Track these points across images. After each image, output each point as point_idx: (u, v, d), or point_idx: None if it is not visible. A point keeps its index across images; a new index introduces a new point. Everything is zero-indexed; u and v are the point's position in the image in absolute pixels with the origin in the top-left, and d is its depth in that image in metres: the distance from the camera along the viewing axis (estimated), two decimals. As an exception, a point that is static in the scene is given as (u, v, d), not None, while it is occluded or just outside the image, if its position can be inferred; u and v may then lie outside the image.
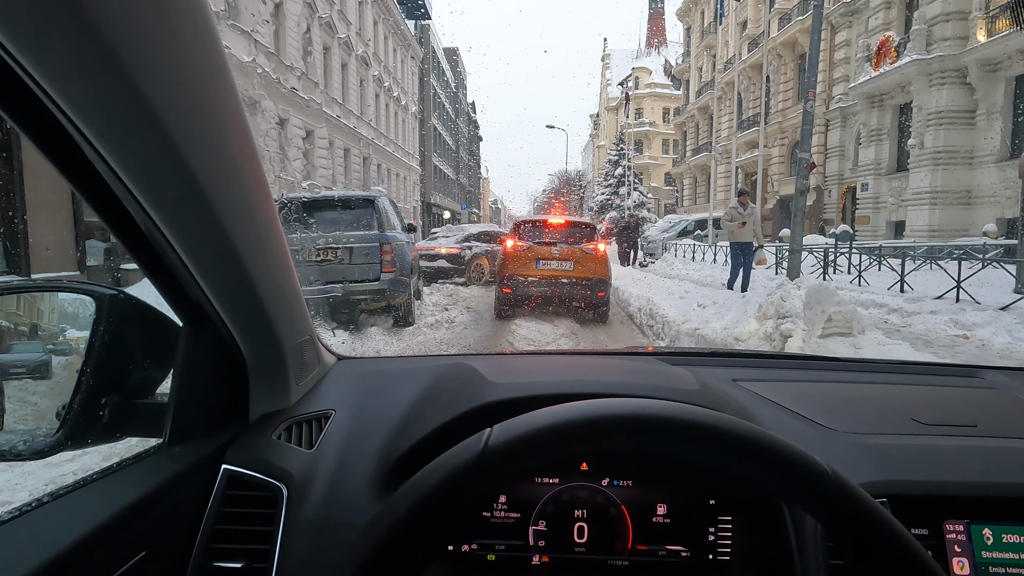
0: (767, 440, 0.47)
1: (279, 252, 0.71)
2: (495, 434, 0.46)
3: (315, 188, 18.27)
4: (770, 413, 0.89)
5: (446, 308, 8.93)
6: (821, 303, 4.64)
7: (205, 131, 0.51)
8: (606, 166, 42.10)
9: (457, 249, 12.26)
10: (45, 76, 0.41)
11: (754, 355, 1.48)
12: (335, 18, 23.19)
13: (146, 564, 0.59)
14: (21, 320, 0.86)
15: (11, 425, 0.76)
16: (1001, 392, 1.04)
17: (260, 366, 0.79)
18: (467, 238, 12.86)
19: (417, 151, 39.29)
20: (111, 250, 9.08)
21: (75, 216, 8.36)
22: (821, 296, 4.67)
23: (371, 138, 28.16)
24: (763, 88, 22.37)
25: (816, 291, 4.66)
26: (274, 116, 17.98)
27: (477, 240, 12.88)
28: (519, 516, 0.80)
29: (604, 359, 1.13)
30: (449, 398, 0.86)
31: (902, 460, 0.77)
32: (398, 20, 33.05)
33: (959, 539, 0.71)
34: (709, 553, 0.80)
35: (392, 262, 6.61)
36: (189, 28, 0.46)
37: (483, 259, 12.47)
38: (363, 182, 26.34)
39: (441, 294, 10.38)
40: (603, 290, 7.65)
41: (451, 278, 11.88)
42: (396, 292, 6.77)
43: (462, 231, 13.78)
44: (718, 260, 16.98)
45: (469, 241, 12.72)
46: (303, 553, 0.69)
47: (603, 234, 17.72)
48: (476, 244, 12.68)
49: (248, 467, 0.73)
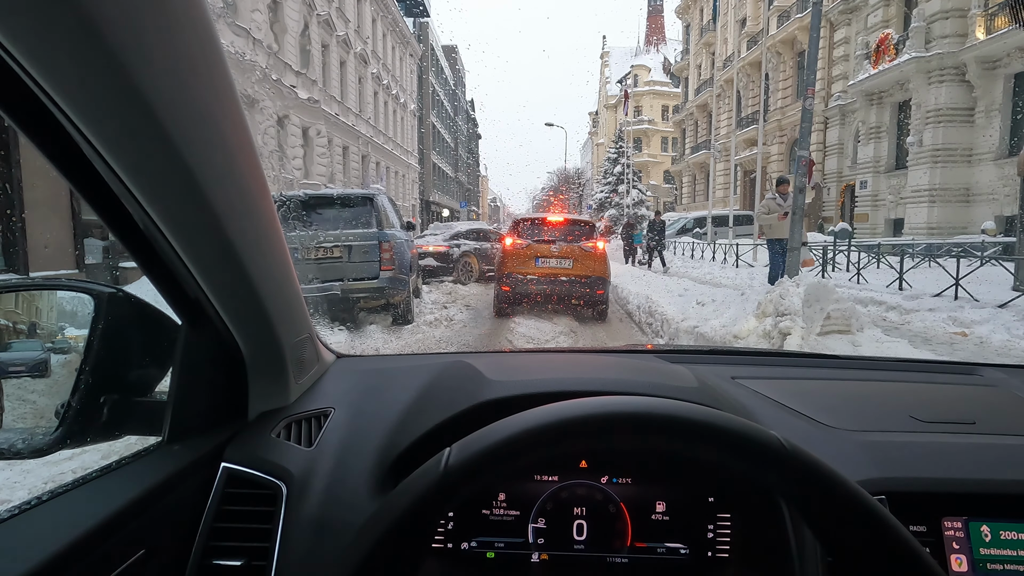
0: (720, 421, 0.47)
1: (278, 250, 0.71)
2: (454, 453, 0.46)
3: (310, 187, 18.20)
4: (769, 411, 0.89)
5: (445, 306, 8.94)
6: (820, 301, 4.65)
7: (203, 129, 0.51)
8: (605, 164, 42.03)
9: (445, 247, 12.06)
10: (43, 74, 0.41)
11: (753, 353, 1.48)
12: (333, 15, 23.14)
13: (145, 562, 0.59)
14: (20, 319, 0.86)
15: (10, 423, 0.76)
16: (1000, 389, 1.04)
17: (259, 364, 0.79)
18: (455, 236, 12.65)
19: (416, 149, 39.26)
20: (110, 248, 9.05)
21: (73, 214, 8.33)
22: (820, 294, 4.67)
23: (370, 136, 28.12)
24: (762, 86, 22.34)
25: (815, 289, 4.66)
26: (272, 114, 17.95)
27: (465, 238, 12.68)
28: (518, 514, 0.80)
29: (603, 357, 1.13)
30: (448, 396, 0.85)
31: (900, 457, 0.77)
32: (396, 17, 32.99)
33: (957, 536, 0.71)
34: (708, 550, 0.80)
35: (391, 260, 6.61)
36: (187, 26, 0.46)
37: (472, 257, 12.30)
38: (362, 180, 26.31)
39: (440, 292, 10.38)
40: (602, 288, 7.65)
41: (439, 277, 11.72)
42: (395, 290, 6.77)
43: (450, 229, 13.53)
44: (717, 258, 17.04)
45: (457, 239, 12.51)
46: (302, 551, 0.69)
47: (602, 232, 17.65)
48: (465, 242, 12.48)
49: (247, 465, 0.73)
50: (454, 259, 12.03)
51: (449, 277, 11.84)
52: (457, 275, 11.93)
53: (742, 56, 28.67)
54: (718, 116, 29.01)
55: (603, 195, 40.26)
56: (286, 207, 6.47)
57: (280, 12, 19.14)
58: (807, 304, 4.60)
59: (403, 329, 6.95)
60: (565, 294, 7.65)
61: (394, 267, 6.65)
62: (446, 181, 50.88)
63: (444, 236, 12.66)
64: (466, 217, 49.01)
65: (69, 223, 8.45)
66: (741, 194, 28.81)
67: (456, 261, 12.03)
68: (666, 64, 53.75)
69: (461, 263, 12.11)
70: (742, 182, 29.24)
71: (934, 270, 9.45)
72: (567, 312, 7.85)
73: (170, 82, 0.46)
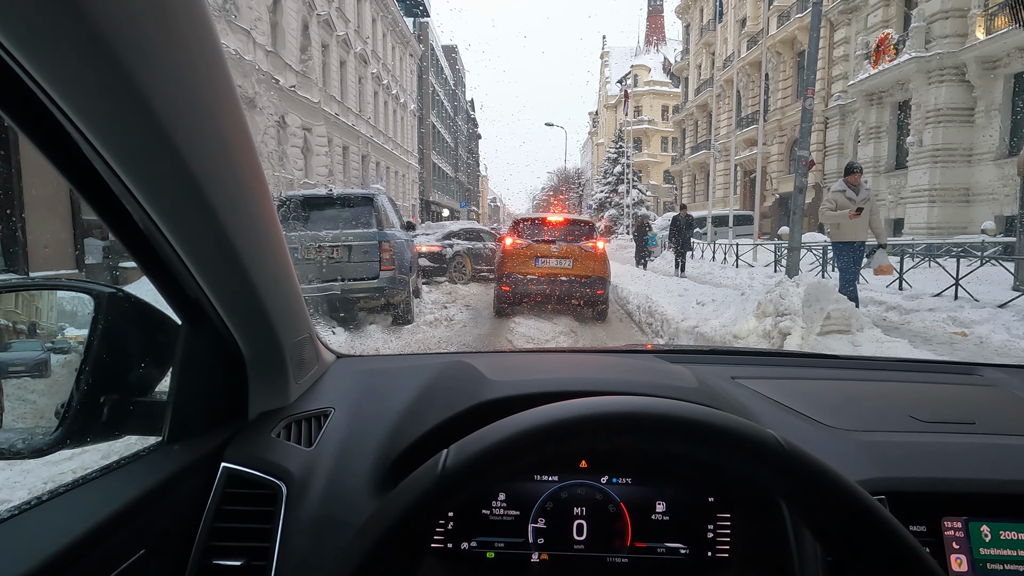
0: (718, 420, 0.47)
1: (278, 250, 0.71)
2: (451, 455, 0.46)
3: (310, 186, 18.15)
4: (768, 411, 0.89)
5: (445, 306, 8.94)
6: (820, 301, 4.65)
7: (204, 129, 0.52)
8: (605, 164, 42.07)
9: (438, 247, 11.95)
10: (44, 75, 0.41)
11: (753, 352, 1.48)
12: (333, 15, 23.14)
13: (146, 562, 0.59)
14: (20, 318, 0.86)
15: (10, 424, 0.76)
16: (999, 389, 1.04)
17: (259, 364, 0.79)
18: (448, 236, 12.52)
19: (416, 149, 39.25)
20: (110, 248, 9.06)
21: (73, 214, 8.33)
22: (820, 294, 4.67)
23: (370, 136, 28.11)
24: (762, 86, 22.33)
25: (815, 289, 4.66)
26: (272, 114, 17.94)
27: (458, 238, 12.56)
28: (518, 514, 0.80)
29: (603, 357, 1.13)
30: (448, 396, 0.85)
31: (900, 457, 0.77)
32: (396, 17, 32.98)
33: (957, 536, 0.71)
34: (708, 550, 0.80)
35: (391, 260, 6.60)
36: (187, 27, 0.46)
37: (465, 257, 12.23)
38: (362, 180, 26.31)
39: (440, 292, 10.37)
40: (602, 288, 7.65)
41: (431, 277, 11.63)
42: (395, 290, 6.77)
43: (443, 228, 13.39)
44: (717, 258, 17.04)
45: (450, 239, 12.38)
46: (302, 551, 0.69)
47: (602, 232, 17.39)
48: (458, 242, 12.36)
49: (247, 465, 0.73)
50: (447, 259, 11.96)
51: (442, 277, 11.79)
52: (450, 275, 11.88)
53: (742, 56, 28.67)
54: (718, 116, 29.01)
55: (603, 195, 40.28)
56: (286, 207, 6.47)
57: (279, 12, 19.14)
58: (807, 304, 4.60)
59: (403, 329, 6.94)
60: (565, 294, 7.65)
61: (394, 267, 6.65)
62: (446, 181, 50.87)
63: (437, 236, 12.52)
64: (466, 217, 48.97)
65: (69, 223, 8.43)
66: (741, 194, 28.82)
67: (449, 261, 11.99)
68: (666, 64, 53.73)
69: (454, 263, 12.07)
70: (742, 182, 29.25)
71: (934, 270, 9.46)
72: (567, 312, 7.85)
73: (171, 82, 0.46)
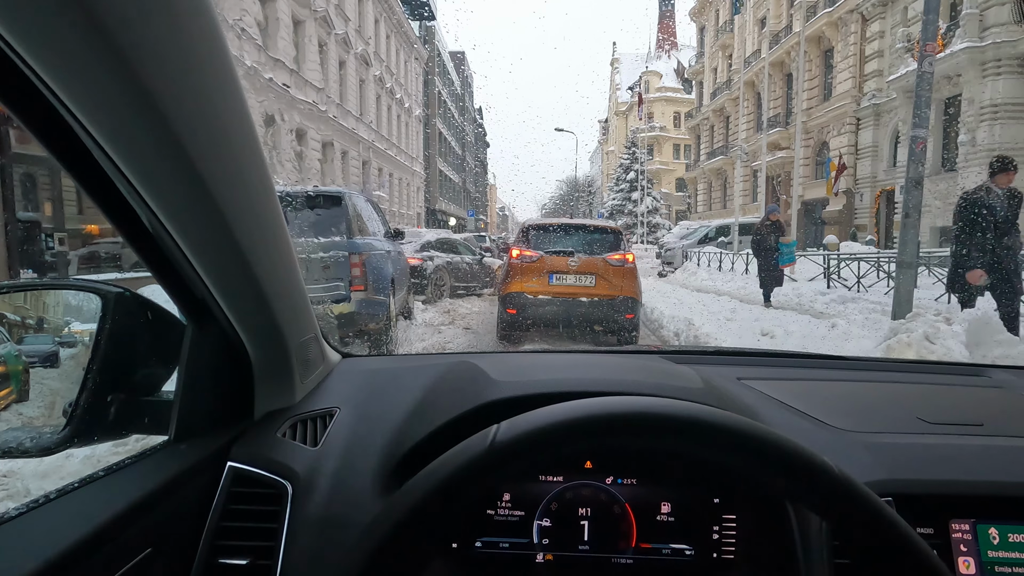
0: (773, 439, 0.47)
1: (283, 250, 0.72)
2: (502, 430, 0.47)
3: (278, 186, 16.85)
4: (775, 412, 0.89)
5: (439, 330, 7.42)
6: (983, 344, 3.07)
7: (211, 129, 0.52)
8: (617, 171, 40.57)
9: (418, 260, 10.14)
10: (52, 75, 0.41)
11: (759, 353, 1.36)
12: (332, 13, 21.93)
13: (152, 561, 0.60)
14: (29, 315, 0.93)
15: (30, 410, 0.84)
16: (1007, 391, 1.05)
17: (265, 364, 0.80)
18: (425, 247, 10.86)
19: (421, 155, 38.02)
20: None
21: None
22: (983, 334, 3.09)
23: (371, 140, 26.90)
24: (785, 87, 20.83)
25: (979, 327, 3.09)
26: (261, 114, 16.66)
27: (436, 249, 10.96)
28: (523, 514, 0.80)
29: (609, 357, 1.13)
30: (453, 396, 0.86)
31: (907, 459, 0.78)
32: (401, 19, 31.89)
33: (965, 538, 0.72)
34: (713, 552, 0.80)
35: (362, 277, 5.09)
36: (195, 28, 0.46)
37: (444, 272, 10.62)
38: (363, 186, 25.01)
39: (436, 311, 8.87)
40: (632, 311, 6.09)
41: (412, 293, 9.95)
42: (370, 315, 5.27)
43: (419, 237, 11.68)
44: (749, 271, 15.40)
45: (428, 250, 10.73)
46: (308, 550, 0.69)
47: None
48: (437, 254, 10.72)
49: (253, 464, 0.74)
50: (427, 275, 10.18)
51: (422, 296, 9.90)
52: (429, 293, 10.08)
53: (764, 56, 27.22)
54: (737, 119, 27.58)
55: (616, 202, 38.81)
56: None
57: (272, 7, 17.92)
58: (970, 347, 3.03)
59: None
60: (586, 319, 6.09)
61: (367, 286, 5.14)
62: (453, 189, 49.58)
63: (413, 247, 10.66)
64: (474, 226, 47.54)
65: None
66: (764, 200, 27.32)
67: (430, 277, 10.20)
68: (679, 68, 52.49)
69: (434, 279, 10.29)
70: (764, 187, 27.73)
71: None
72: (588, 340, 6.29)
73: (178, 82, 0.46)
